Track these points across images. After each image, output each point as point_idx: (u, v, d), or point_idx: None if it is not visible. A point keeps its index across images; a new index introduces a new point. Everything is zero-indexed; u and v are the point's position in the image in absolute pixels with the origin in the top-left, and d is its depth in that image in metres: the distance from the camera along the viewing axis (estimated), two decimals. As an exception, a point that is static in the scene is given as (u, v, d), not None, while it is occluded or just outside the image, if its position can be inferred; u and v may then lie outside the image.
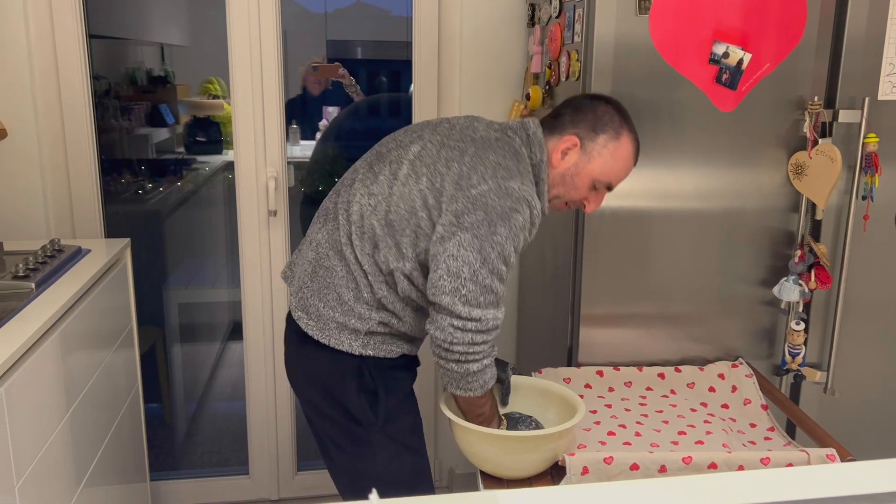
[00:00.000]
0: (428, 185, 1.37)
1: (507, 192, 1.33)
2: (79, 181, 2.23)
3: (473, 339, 1.31)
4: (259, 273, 2.36)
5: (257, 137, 2.27)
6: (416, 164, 1.40)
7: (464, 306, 1.29)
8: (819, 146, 1.68)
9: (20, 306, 1.46)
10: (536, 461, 1.36)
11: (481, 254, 1.29)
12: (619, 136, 1.43)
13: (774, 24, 1.65)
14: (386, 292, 1.41)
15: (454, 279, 1.29)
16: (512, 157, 1.40)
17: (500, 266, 1.31)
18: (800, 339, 1.77)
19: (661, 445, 1.49)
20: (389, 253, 1.38)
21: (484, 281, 1.30)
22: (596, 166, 1.43)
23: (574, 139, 1.43)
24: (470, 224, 1.31)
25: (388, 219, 1.38)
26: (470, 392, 1.37)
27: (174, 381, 2.77)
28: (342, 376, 1.44)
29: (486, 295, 1.30)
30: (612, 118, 1.44)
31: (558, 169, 1.44)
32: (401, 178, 1.39)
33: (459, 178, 1.35)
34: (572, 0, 1.75)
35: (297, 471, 2.55)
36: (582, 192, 1.46)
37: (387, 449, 1.46)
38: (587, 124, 1.43)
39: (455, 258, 1.30)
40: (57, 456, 1.45)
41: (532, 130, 1.45)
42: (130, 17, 2.55)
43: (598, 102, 1.46)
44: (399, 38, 2.54)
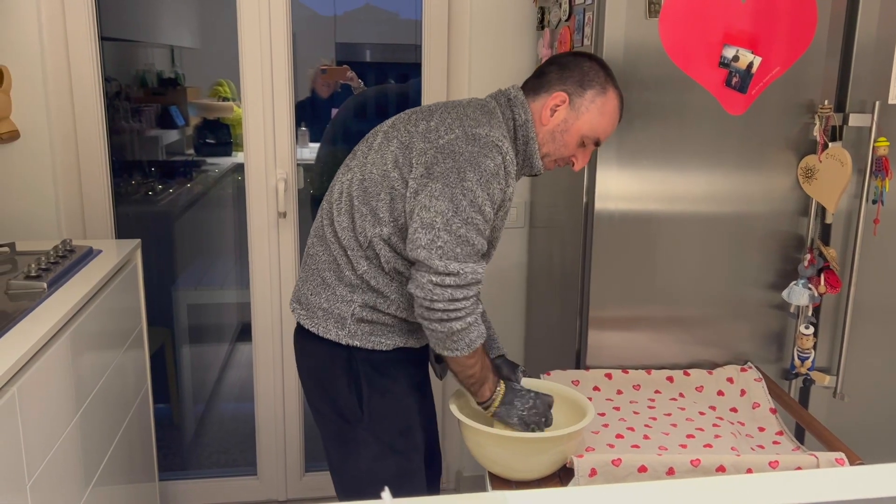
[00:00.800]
0: (398, 145, 1.37)
1: (474, 138, 1.32)
2: (90, 182, 2.25)
3: (453, 295, 1.29)
4: (268, 274, 2.37)
5: (267, 139, 2.28)
6: (388, 133, 1.43)
7: (440, 260, 1.28)
8: (829, 150, 1.67)
9: (32, 306, 1.47)
10: (545, 463, 1.36)
11: (453, 202, 1.28)
12: (605, 91, 1.43)
13: (784, 28, 1.65)
14: (367, 266, 1.39)
15: (428, 230, 1.28)
16: (482, 112, 1.39)
17: (474, 214, 1.30)
18: (809, 343, 1.77)
19: (670, 448, 1.49)
20: (366, 221, 1.37)
21: (458, 230, 1.28)
22: (585, 122, 1.43)
23: (563, 95, 1.42)
24: (439, 173, 1.30)
25: (362, 186, 1.38)
26: (456, 352, 1.34)
27: (183, 382, 2.78)
28: (333, 369, 1.44)
29: (462, 246, 1.29)
30: (597, 73, 1.43)
31: (547, 126, 1.44)
32: (374, 147, 1.42)
33: (427, 132, 1.36)
34: (582, 3, 1.75)
35: (305, 472, 2.55)
36: (570, 149, 1.46)
37: (371, 448, 1.44)
38: (574, 80, 1.43)
39: (427, 209, 1.29)
40: (67, 455, 1.46)
41: (513, 94, 1.45)
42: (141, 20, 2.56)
43: (583, 59, 1.46)
44: (408, 41, 2.54)
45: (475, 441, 1.39)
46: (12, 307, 1.46)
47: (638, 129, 1.68)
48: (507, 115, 1.42)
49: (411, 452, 1.48)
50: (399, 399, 1.47)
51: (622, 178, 1.70)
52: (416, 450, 1.50)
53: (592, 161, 1.70)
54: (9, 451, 1.21)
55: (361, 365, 1.43)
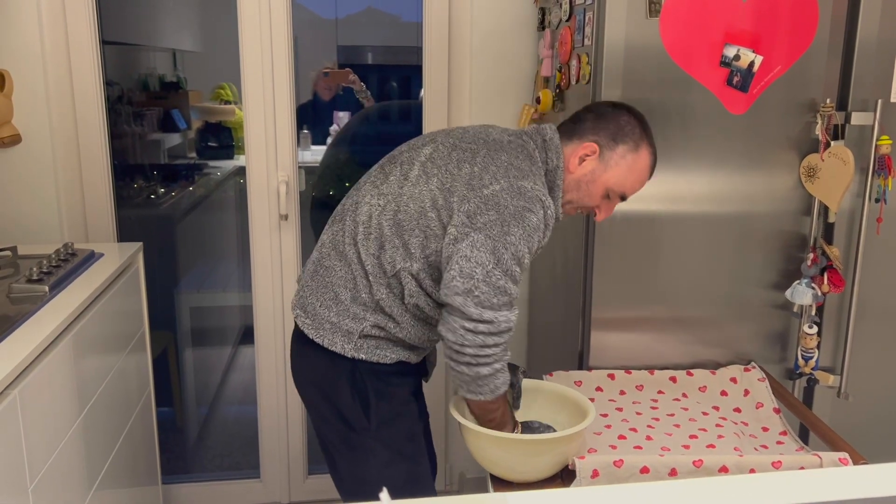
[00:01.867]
0: (438, 185, 1.35)
1: (519, 192, 1.31)
2: (92, 186, 2.25)
3: (485, 342, 1.29)
4: (270, 277, 2.37)
5: (269, 142, 2.28)
6: (427, 166, 1.39)
7: (475, 308, 1.28)
8: (831, 149, 1.67)
9: (34, 309, 1.47)
10: (547, 464, 1.36)
11: (494, 254, 1.28)
12: (638, 148, 1.43)
13: (786, 27, 1.64)
14: (385, 295, 1.39)
15: (467, 280, 1.28)
16: (525, 159, 1.39)
17: (514, 267, 1.30)
18: (813, 343, 1.76)
19: (673, 449, 1.48)
20: (396, 253, 1.36)
21: (497, 282, 1.28)
22: (612, 176, 1.43)
23: (593, 146, 1.42)
24: (482, 224, 1.29)
25: (396, 218, 1.37)
26: (481, 396, 1.35)
27: (186, 385, 2.78)
28: (337, 379, 1.44)
29: (499, 296, 1.29)
30: (633, 129, 1.43)
31: (574, 174, 1.43)
32: (411, 179, 1.39)
33: (471, 178, 1.34)
34: (583, 3, 1.75)
35: (308, 474, 2.55)
36: (595, 200, 1.46)
37: (380, 455, 1.44)
38: (608, 133, 1.42)
39: (468, 259, 1.28)
40: (70, 458, 1.46)
41: (549, 136, 1.44)
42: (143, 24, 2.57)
43: (622, 112, 1.45)
44: (409, 44, 2.54)
45: (476, 443, 1.39)
46: (14, 311, 1.46)
47: (639, 128, 1.67)
48: (542, 158, 1.42)
49: (419, 457, 1.49)
50: (403, 405, 1.47)
51: (623, 179, 1.70)
52: (423, 454, 1.50)
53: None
54: (11, 454, 1.21)
55: (366, 375, 1.43)
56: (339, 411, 1.45)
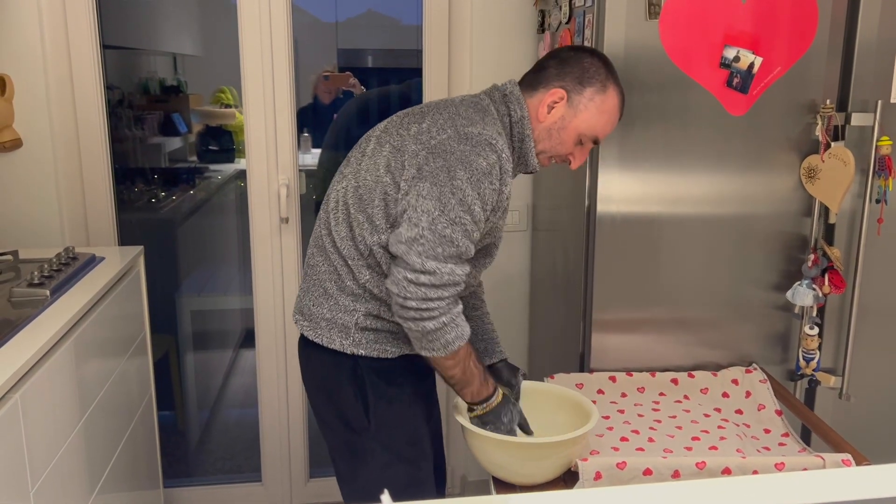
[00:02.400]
0: (390, 150, 1.34)
1: (466, 137, 1.28)
2: (93, 190, 2.25)
3: (427, 294, 1.25)
4: (271, 280, 2.37)
5: (269, 146, 2.28)
6: (381, 137, 1.39)
7: (418, 257, 1.24)
8: (832, 149, 1.67)
9: (35, 313, 1.47)
10: (549, 468, 1.36)
11: (440, 201, 1.25)
12: (605, 89, 1.39)
13: (785, 28, 1.64)
14: (369, 276, 1.36)
15: (412, 227, 1.25)
16: (476, 111, 1.35)
17: (462, 215, 1.26)
18: (814, 344, 1.76)
19: (675, 451, 1.48)
20: (363, 229, 1.34)
21: (443, 231, 1.25)
22: (583, 120, 1.39)
23: (561, 92, 1.38)
24: (429, 172, 1.27)
25: (357, 194, 1.35)
26: (434, 352, 1.30)
27: (187, 389, 2.78)
28: (339, 379, 1.42)
29: (444, 246, 1.25)
30: (598, 70, 1.39)
31: (544, 123, 1.40)
32: (367, 153, 1.39)
33: (419, 133, 1.33)
34: (582, 6, 1.75)
35: (310, 478, 2.55)
36: (568, 147, 1.42)
37: (379, 457, 1.42)
38: (573, 77, 1.38)
39: (415, 208, 1.26)
40: (71, 462, 1.46)
41: (508, 90, 1.41)
42: (143, 28, 2.58)
43: (584, 54, 1.41)
44: (409, 47, 2.55)
45: (478, 446, 1.39)
46: (15, 314, 1.46)
47: (639, 130, 1.68)
48: (503, 112, 1.39)
49: (420, 461, 1.46)
50: (406, 407, 1.44)
51: (624, 181, 1.70)
52: (425, 458, 1.47)
53: (594, 163, 1.69)
54: (12, 458, 1.21)
55: (367, 373, 1.41)
56: (342, 413, 1.44)
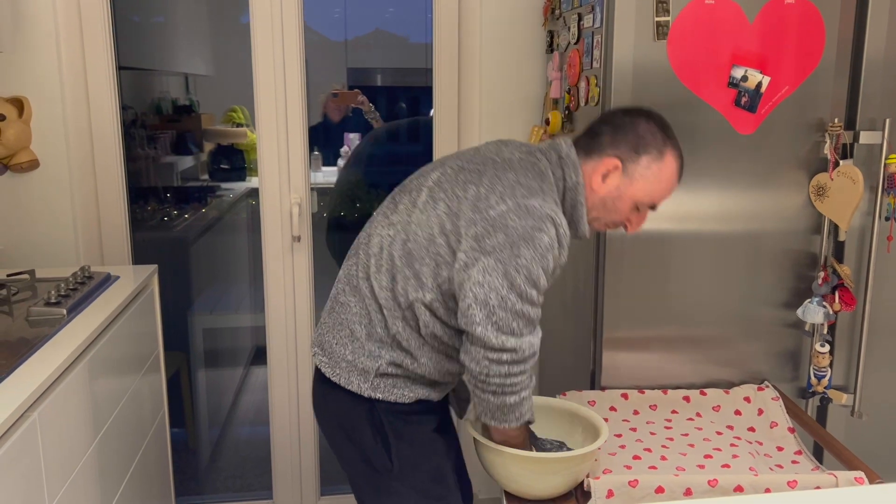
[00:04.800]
0: (445, 209, 1.31)
1: (527, 211, 1.26)
2: (108, 209, 2.28)
3: (510, 371, 1.25)
4: (283, 298, 2.39)
5: (281, 164, 2.31)
6: (434, 191, 1.35)
7: (496, 336, 1.23)
8: (840, 167, 1.68)
9: (52, 332, 1.49)
10: (561, 482, 1.36)
11: (507, 278, 1.23)
12: (662, 156, 1.36)
13: (793, 47, 1.66)
14: (401, 328, 1.34)
15: (483, 307, 1.23)
16: (535, 177, 1.33)
17: (529, 290, 1.24)
18: (825, 362, 1.76)
19: (687, 469, 1.48)
20: (408, 283, 1.31)
21: (514, 307, 1.23)
22: (639, 189, 1.36)
23: (615, 161, 1.35)
24: (492, 248, 1.24)
25: (406, 248, 1.32)
26: (505, 424, 1.31)
27: (198, 406, 2.79)
28: (358, 419, 1.40)
29: (518, 321, 1.24)
30: (654, 136, 1.35)
31: (599, 193, 1.37)
32: (419, 206, 1.34)
33: (477, 199, 1.29)
34: (591, 26, 1.77)
35: (321, 495, 2.54)
36: (623, 215, 1.39)
37: (406, 497, 1.40)
38: (628, 145, 1.35)
39: (481, 285, 1.23)
40: (86, 480, 1.47)
41: (565, 152, 1.37)
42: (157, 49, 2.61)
43: (639, 119, 1.37)
44: (418, 65, 2.58)
45: (490, 459, 1.39)
46: (32, 333, 1.48)
47: (648, 149, 1.69)
48: (558, 175, 1.36)
49: (448, 496, 1.43)
50: (427, 445, 1.42)
51: (634, 199, 1.71)
52: (451, 492, 1.44)
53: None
54: (31, 476, 1.22)
55: (385, 416, 1.38)
56: (364, 453, 1.41)
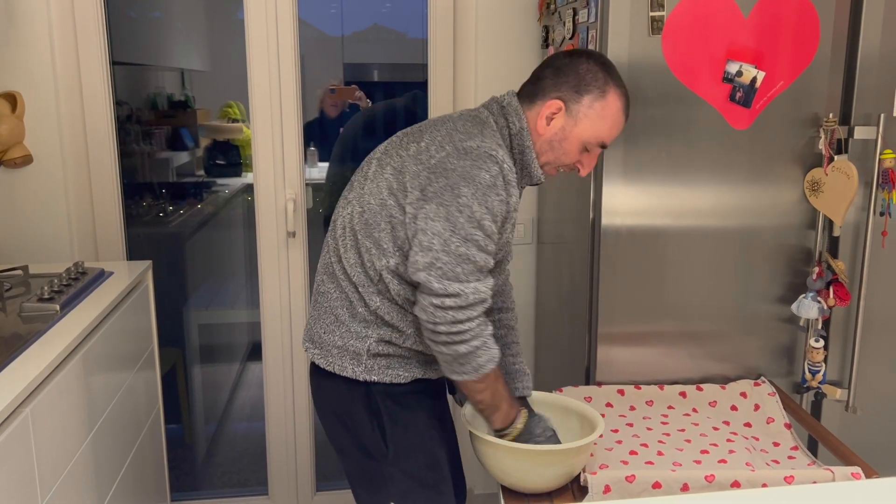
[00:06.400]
0: (391, 171, 1.33)
1: (465, 151, 1.26)
2: (102, 204, 2.27)
3: (456, 317, 1.24)
4: (278, 294, 2.38)
5: (276, 160, 2.30)
6: (381, 159, 1.38)
7: (439, 281, 1.23)
8: (835, 163, 1.68)
9: (45, 328, 1.49)
10: (556, 475, 1.36)
11: (449, 220, 1.23)
12: (605, 94, 1.35)
13: (788, 42, 1.66)
14: (380, 302, 1.35)
15: (426, 252, 1.24)
16: (474, 125, 1.34)
17: (473, 231, 1.24)
18: (819, 357, 1.76)
19: (684, 464, 1.48)
20: (371, 254, 1.33)
21: (457, 250, 1.23)
22: (584, 128, 1.36)
23: (557, 103, 1.35)
24: (433, 193, 1.25)
25: (363, 219, 1.34)
26: (464, 375, 1.30)
27: (194, 402, 2.79)
28: (353, 406, 1.40)
29: (462, 265, 1.24)
30: (595, 75, 1.35)
31: (544, 135, 1.37)
32: (370, 176, 1.37)
33: (418, 153, 1.31)
34: (585, 22, 1.77)
35: (317, 491, 2.55)
36: (573, 156, 1.39)
37: (400, 484, 1.40)
38: (570, 85, 1.35)
39: (424, 231, 1.24)
40: (80, 476, 1.47)
41: (506, 101, 1.39)
42: (152, 44, 2.60)
43: (580, 59, 1.37)
44: (415, 61, 2.57)
45: (487, 453, 1.39)
46: (25, 329, 1.47)
47: (643, 144, 1.69)
48: (501, 124, 1.37)
49: (440, 485, 1.43)
50: (423, 432, 1.42)
51: (628, 194, 1.71)
52: (445, 481, 1.45)
53: (598, 176, 1.71)
54: (22, 472, 1.22)
55: (381, 399, 1.39)
56: (359, 440, 1.42)
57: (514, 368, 1.54)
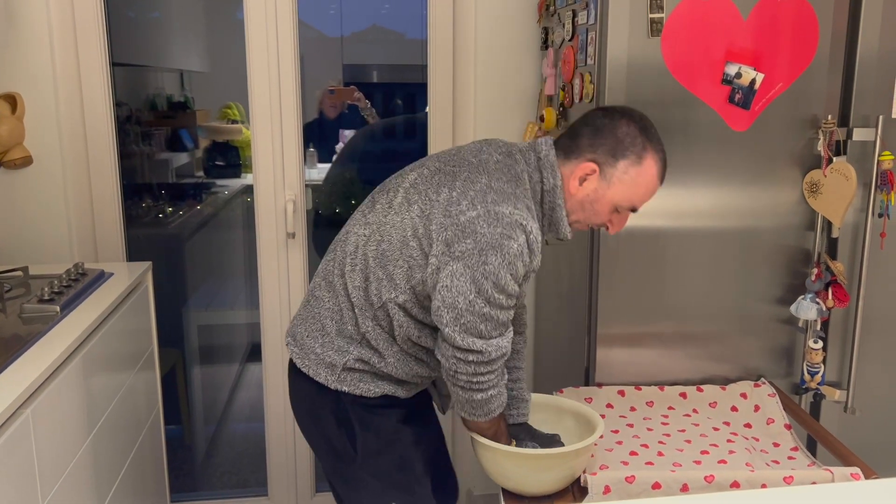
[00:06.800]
0: (419, 212, 1.31)
1: (496, 218, 1.25)
2: (102, 205, 2.27)
3: (477, 370, 1.28)
4: (277, 295, 2.38)
5: (276, 161, 2.30)
6: (409, 192, 1.35)
7: (463, 339, 1.25)
8: (834, 164, 1.68)
9: (45, 329, 1.49)
10: (557, 478, 1.36)
11: (475, 284, 1.24)
12: (641, 160, 1.33)
13: (786, 44, 1.66)
14: (371, 328, 1.36)
15: (450, 310, 1.25)
16: (509, 181, 1.32)
17: (497, 295, 1.25)
18: (818, 358, 1.76)
19: (684, 465, 1.48)
20: (381, 285, 1.32)
21: (481, 311, 1.24)
22: (617, 192, 1.35)
23: (592, 166, 1.34)
24: (460, 253, 1.24)
25: (380, 248, 1.33)
26: (474, 418, 1.35)
27: (194, 403, 2.79)
28: (323, 408, 1.42)
29: (485, 323, 1.25)
30: (633, 140, 1.33)
31: (576, 196, 1.36)
32: (395, 207, 1.35)
33: (448, 204, 1.28)
34: (585, 23, 1.77)
35: (316, 492, 2.55)
36: (603, 217, 1.39)
37: (370, 486, 1.42)
38: (606, 149, 1.33)
39: (449, 289, 1.25)
40: (80, 477, 1.47)
41: (544, 153, 1.36)
42: (151, 45, 2.60)
43: (619, 121, 1.35)
44: (414, 62, 2.57)
45: (487, 457, 1.40)
46: (26, 330, 1.47)
47: (643, 146, 1.69)
48: (535, 179, 1.35)
49: (413, 486, 1.44)
50: (392, 434, 1.43)
51: (629, 195, 1.71)
52: (418, 482, 1.45)
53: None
54: (23, 473, 1.22)
55: (350, 406, 1.41)
56: (329, 441, 1.44)
57: (513, 395, 1.54)
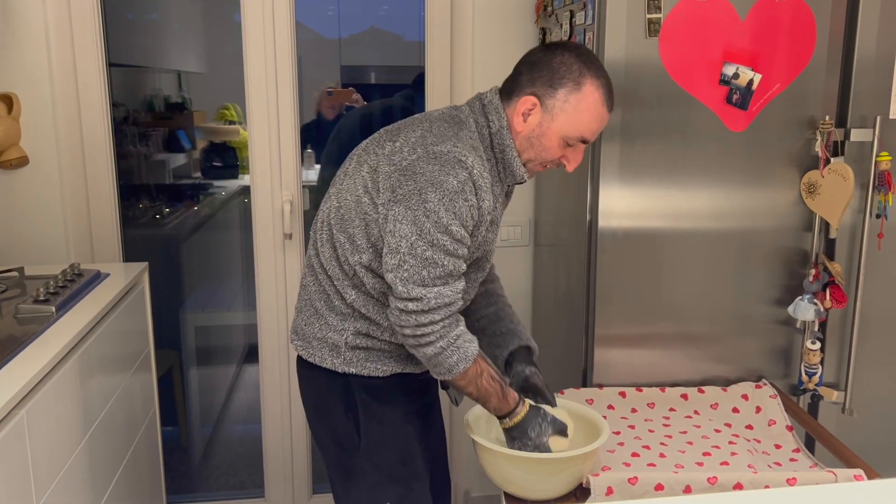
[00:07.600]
0: (368, 169, 1.33)
1: (435, 156, 1.25)
2: (98, 206, 2.26)
3: (418, 321, 1.25)
4: (275, 296, 2.38)
5: (273, 162, 2.30)
6: (361, 156, 1.38)
7: (403, 285, 1.24)
8: (831, 165, 1.68)
9: (41, 330, 1.48)
10: (560, 483, 1.36)
11: (416, 225, 1.23)
12: (580, 86, 1.31)
13: (784, 45, 1.66)
14: (356, 295, 1.36)
15: (394, 255, 1.25)
16: (451, 126, 1.32)
17: (440, 236, 1.23)
18: (816, 359, 1.76)
19: (686, 466, 1.48)
20: (345, 249, 1.33)
21: (423, 253, 1.23)
22: (561, 123, 1.32)
23: (532, 99, 1.32)
24: (402, 196, 1.25)
25: (339, 214, 1.34)
26: (441, 375, 1.30)
27: (190, 404, 2.78)
28: (331, 397, 1.42)
29: (428, 269, 1.24)
30: (570, 67, 1.31)
31: (522, 133, 1.35)
32: (349, 173, 1.38)
33: (392, 153, 1.30)
34: (582, 24, 1.77)
35: (313, 493, 2.54)
36: (554, 152, 1.36)
37: (369, 477, 1.41)
38: (543, 80, 1.32)
39: (393, 234, 1.25)
40: (75, 478, 1.46)
41: (488, 98, 1.37)
42: (149, 46, 2.60)
43: (554, 52, 1.33)
44: (412, 63, 2.57)
45: (490, 460, 1.39)
46: (21, 331, 1.47)
47: (640, 146, 1.69)
48: (482, 123, 1.35)
49: (412, 481, 1.43)
50: (397, 426, 1.42)
51: (625, 196, 1.71)
52: (418, 478, 1.44)
53: (595, 179, 1.71)
54: (17, 474, 1.21)
55: (358, 392, 1.40)
56: (334, 432, 1.43)
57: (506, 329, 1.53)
